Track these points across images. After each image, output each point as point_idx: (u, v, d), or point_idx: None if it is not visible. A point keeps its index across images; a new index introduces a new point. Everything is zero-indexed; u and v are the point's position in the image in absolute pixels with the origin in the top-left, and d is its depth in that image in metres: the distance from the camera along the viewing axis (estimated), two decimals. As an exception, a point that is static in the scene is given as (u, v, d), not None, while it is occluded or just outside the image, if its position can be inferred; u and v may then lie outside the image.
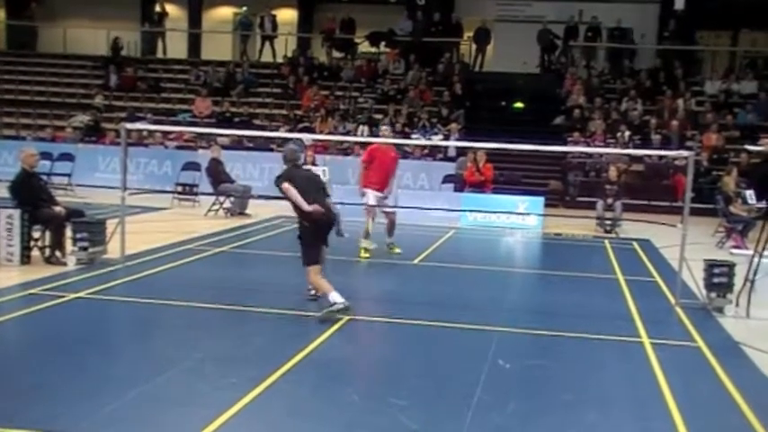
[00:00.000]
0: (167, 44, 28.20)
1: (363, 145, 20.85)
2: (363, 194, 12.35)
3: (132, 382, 5.91)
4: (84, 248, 10.30)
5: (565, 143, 20.50)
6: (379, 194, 12.25)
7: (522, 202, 16.71)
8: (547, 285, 11.07)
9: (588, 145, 20.78)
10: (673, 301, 9.53)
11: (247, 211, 16.62)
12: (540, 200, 17.03)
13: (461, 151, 19.97)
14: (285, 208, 17.36)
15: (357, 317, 8.18)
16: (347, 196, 16.72)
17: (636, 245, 14.59)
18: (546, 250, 15.06)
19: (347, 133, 21.74)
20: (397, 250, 12.54)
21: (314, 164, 17.86)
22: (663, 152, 18.71)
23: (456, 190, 18.46)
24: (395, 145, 13.30)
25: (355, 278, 11.10)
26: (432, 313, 8.53)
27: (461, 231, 15.87)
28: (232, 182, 17.14)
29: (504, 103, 25.26)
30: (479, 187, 17.58)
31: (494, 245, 14.97)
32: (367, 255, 12.07)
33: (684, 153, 11.22)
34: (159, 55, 28.16)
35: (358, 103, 24.24)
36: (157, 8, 28.65)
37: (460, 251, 13.92)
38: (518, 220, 16.42)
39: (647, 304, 9.43)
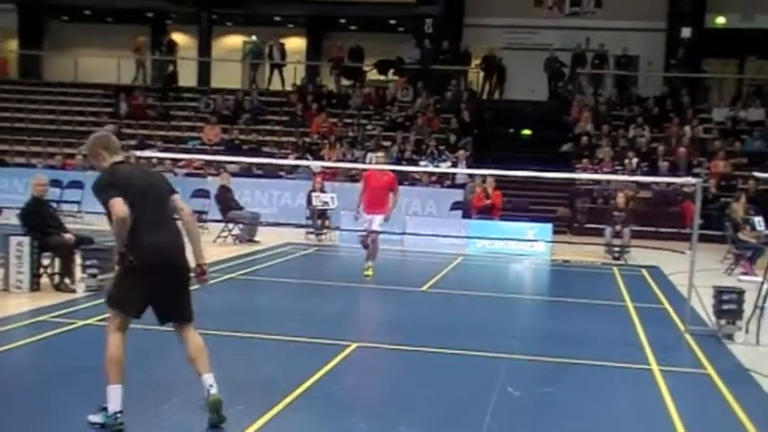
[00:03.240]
0: (177, 72, 28.39)
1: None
2: (357, 218, 12.79)
3: (138, 409, 5.89)
4: (94, 275, 10.31)
5: (573, 170, 20.51)
6: (370, 216, 12.48)
7: (530, 229, 16.70)
8: (555, 312, 11.03)
9: (596, 172, 20.78)
10: (682, 328, 9.47)
11: (256, 238, 16.65)
12: (549, 226, 17.02)
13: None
14: (295, 234, 17.66)
15: (365, 344, 8.15)
16: (355, 223, 16.69)
17: (644, 272, 14.54)
18: (554, 277, 15.02)
19: (355, 160, 21.81)
20: (368, 273, 12.46)
21: (322, 190, 17.94)
22: (671, 179, 18.70)
23: (464, 216, 18.47)
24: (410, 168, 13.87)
25: (362, 305, 11.09)
26: (440, 340, 8.49)
27: (469, 258, 15.84)
28: (241, 209, 17.20)
29: (512, 131, 25.34)
30: (487, 214, 17.57)
31: (502, 272, 14.94)
32: (369, 272, 12.42)
33: (692, 180, 11.21)
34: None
35: (366, 130, 24.33)
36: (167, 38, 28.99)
37: (469, 278, 13.89)
38: (526, 247, 16.40)
39: (656, 331, 9.37)
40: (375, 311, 10.44)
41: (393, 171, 13.28)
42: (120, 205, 5.31)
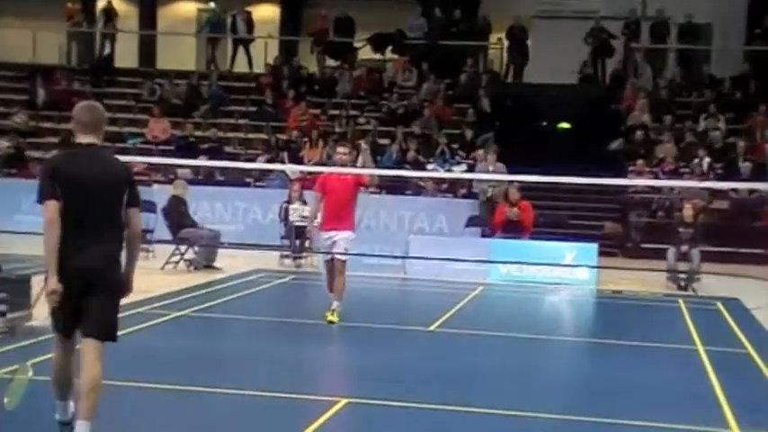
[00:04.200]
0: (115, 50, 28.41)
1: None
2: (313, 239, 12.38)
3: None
4: (2, 314, 10.26)
5: (625, 174, 20.53)
6: (331, 234, 11.95)
7: (569, 251, 16.71)
8: (603, 358, 11.00)
9: (655, 176, 20.78)
10: (770, 378, 9.47)
11: (215, 264, 16.62)
12: (594, 247, 17.02)
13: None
14: (267, 258, 17.58)
15: (356, 399, 8.12)
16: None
17: (720, 305, 14.53)
18: (601, 312, 15.04)
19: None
20: (332, 318, 11.73)
21: (302, 201, 17.93)
22: (754, 184, 18.69)
23: (484, 235, 18.47)
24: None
25: (354, 350, 11.06)
26: (452, 395, 8.47)
27: (491, 288, 15.85)
28: (196, 226, 17.15)
29: (545, 124, 25.36)
30: (514, 232, 17.56)
31: (533, 306, 14.95)
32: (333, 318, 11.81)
33: (781, 185, 11.22)
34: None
35: (358, 124, 24.36)
36: (103, 3, 28.93)
37: (489, 314, 13.91)
38: (564, 274, 16.41)
39: (736, 383, 9.34)
40: (370, 358, 10.40)
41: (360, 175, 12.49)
42: (50, 210, 5.95)
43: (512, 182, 17.55)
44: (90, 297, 6.08)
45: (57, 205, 5.94)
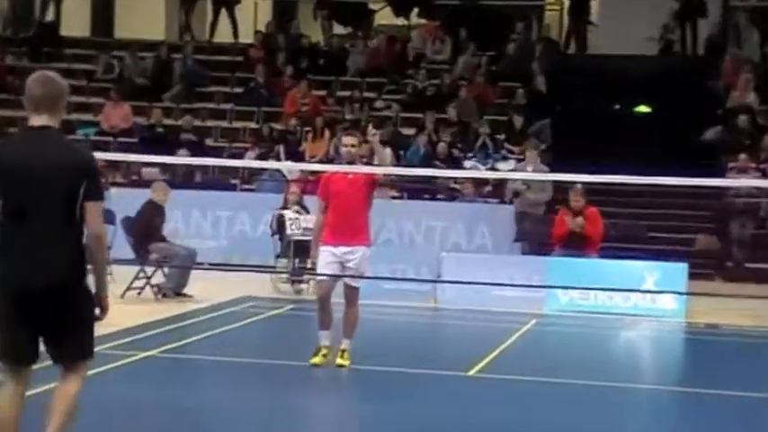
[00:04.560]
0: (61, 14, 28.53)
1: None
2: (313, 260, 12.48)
3: None
4: None
5: (723, 172, 20.44)
6: (342, 250, 11.81)
7: (650, 272, 16.65)
8: (695, 413, 10.95)
9: (764, 174, 20.70)
10: None
11: (187, 290, 16.51)
12: (682, 267, 16.95)
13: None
14: (257, 282, 17.54)
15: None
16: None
17: None
18: (692, 353, 15.05)
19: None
20: (342, 361, 11.83)
21: (301, 207, 17.93)
22: None
23: (538, 252, 18.42)
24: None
25: (369, 400, 11.02)
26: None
27: (548, 321, 15.88)
28: (164, 240, 17.10)
29: (617, 107, 25.30)
30: (578, 247, 17.50)
31: (603, 344, 14.97)
32: (318, 359, 11.79)
33: None
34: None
35: (374, 109, 24.36)
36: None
37: (546, 355, 13.89)
38: (644, 302, 16.42)
39: None
40: (390, 413, 10.37)
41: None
42: None
43: (574, 183, 17.47)
44: (48, 316, 6.14)
45: None
